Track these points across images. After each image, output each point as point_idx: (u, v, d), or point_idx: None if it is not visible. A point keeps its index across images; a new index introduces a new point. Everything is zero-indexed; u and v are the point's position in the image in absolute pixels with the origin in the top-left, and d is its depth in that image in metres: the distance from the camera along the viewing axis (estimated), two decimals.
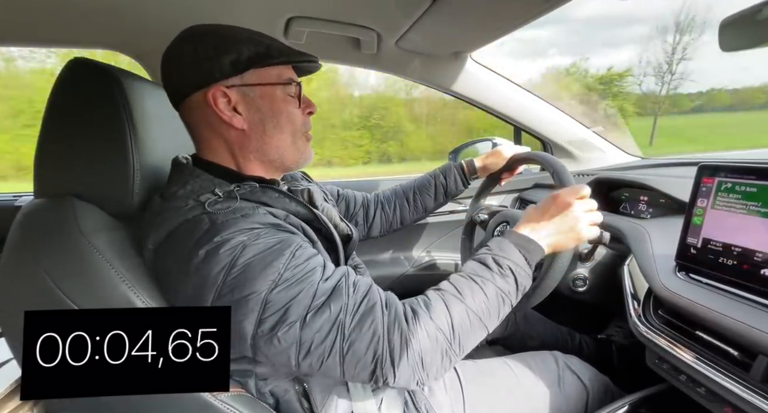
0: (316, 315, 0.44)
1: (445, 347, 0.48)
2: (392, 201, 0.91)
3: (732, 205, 0.56)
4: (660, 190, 0.86)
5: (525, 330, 1.00)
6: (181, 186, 0.51)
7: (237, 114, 0.53)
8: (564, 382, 0.71)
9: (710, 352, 0.52)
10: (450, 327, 0.49)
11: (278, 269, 0.44)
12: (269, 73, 0.54)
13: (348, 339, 0.45)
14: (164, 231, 0.48)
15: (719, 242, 0.57)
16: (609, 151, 1.26)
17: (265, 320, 0.43)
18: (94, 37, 0.88)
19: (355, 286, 0.48)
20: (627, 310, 0.67)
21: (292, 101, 0.56)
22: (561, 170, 0.67)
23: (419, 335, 0.47)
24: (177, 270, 0.46)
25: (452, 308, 0.50)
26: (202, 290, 0.44)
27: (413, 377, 0.47)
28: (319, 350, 0.44)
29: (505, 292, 0.53)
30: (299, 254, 0.47)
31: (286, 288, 0.44)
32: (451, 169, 0.91)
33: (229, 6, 0.82)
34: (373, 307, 0.47)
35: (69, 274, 0.45)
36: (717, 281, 0.57)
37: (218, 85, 0.51)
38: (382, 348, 0.45)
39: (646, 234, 0.75)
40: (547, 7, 0.71)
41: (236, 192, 0.51)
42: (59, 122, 0.51)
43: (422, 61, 1.06)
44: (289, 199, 0.54)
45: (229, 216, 0.47)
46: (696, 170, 0.62)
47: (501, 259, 0.55)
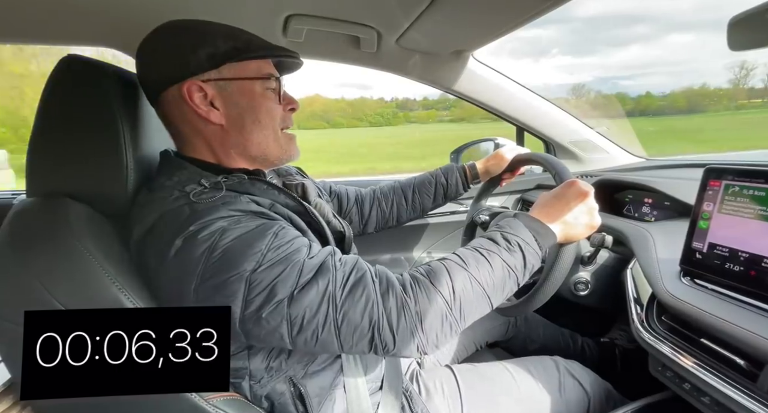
0: (303, 290, 0.43)
1: (444, 311, 0.46)
2: (390, 198, 0.89)
3: (740, 209, 0.54)
4: (665, 192, 0.84)
5: (526, 332, 0.99)
6: (168, 177, 0.51)
7: (214, 109, 0.51)
8: (565, 388, 0.70)
9: (716, 361, 0.50)
10: (450, 290, 0.47)
11: (261, 250, 0.43)
12: (248, 67, 0.53)
13: (341, 310, 0.43)
14: (147, 223, 0.47)
15: (726, 247, 0.55)
16: (613, 152, 1.24)
17: (252, 300, 0.42)
18: (93, 35, 0.87)
19: (341, 261, 0.47)
20: (630, 315, 0.65)
21: (272, 97, 0.55)
22: (563, 171, 0.66)
23: (418, 297, 0.46)
24: (157, 262, 0.45)
25: (454, 273, 0.48)
26: (184, 277, 0.43)
27: (413, 341, 0.45)
28: (312, 324, 0.43)
29: (511, 266, 0.51)
30: (282, 234, 0.46)
31: (270, 267, 0.42)
32: (453, 170, 0.89)
33: (228, 4, 0.81)
34: (363, 276, 0.46)
35: (57, 275, 0.44)
36: (723, 287, 0.55)
37: (194, 79, 0.50)
38: (378, 313, 0.44)
39: (650, 237, 0.73)
40: (548, 6, 0.69)
41: (223, 183, 0.50)
42: (52, 119, 0.50)
43: (423, 60, 1.04)
44: (278, 191, 0.53)
45: (209, 204, 0.46)
46: (702, 172, 0.60)
47: (510, 235, 0.53)
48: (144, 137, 0.54)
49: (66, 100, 0.50)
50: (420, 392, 0.67)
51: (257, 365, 0.51)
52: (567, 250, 0.59)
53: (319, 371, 0.55)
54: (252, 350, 0.51)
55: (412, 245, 1.33)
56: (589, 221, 0.58)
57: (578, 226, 0.57)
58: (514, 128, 1.28)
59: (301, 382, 0.53)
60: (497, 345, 0.98)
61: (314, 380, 0.54)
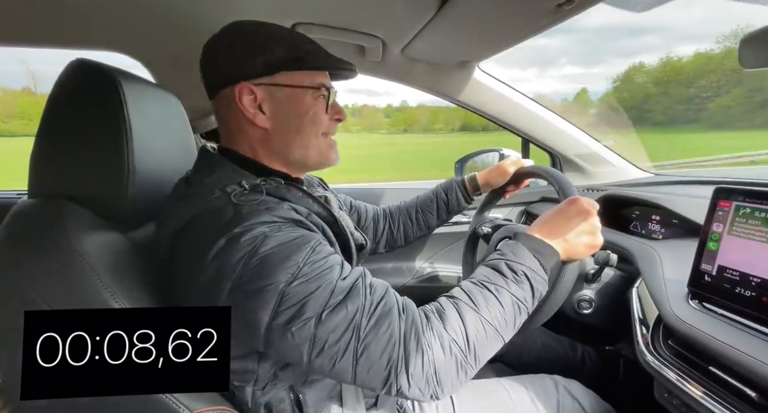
0: (332, 312, 0.43)
1: (460, 359, 0.46)
2: (396, 218, 0.91)
3: (751, 232, 0.52)
4: (673, 210, 0.82)
5: (522, 342, 0.95)
6: (208, 174, 0.51)
7: (261, 112, 0.53)
8: (563, 408, 0.67)
9: (725, 391, 0.48)
10: (465, 338, 0.46)
11: (297, 263, 0.43)
12: (302, 76, 0.54)
13: (363, 341, 0.43)
14: (186, 217, 0.48)
15: (736, 271, 0.53)
16: (620, 165, 1.22)
17: (281, 312, 0.42)
18: (100, 39, 0.88)
19: (372, 287, 0.47)
20: (635, 337, 0.63)
21: (321, 106, 0.56)
22: (566, 186, 0.65)
23: (433, 344, 0.45)
24: (196, 256, 0.45)
25: (466, 318, 0.48)
26: (220, 278, 0.43)
27: (427, 389, 0.45)
28: (332, 350, 0.43)
29: (521, 300, 0.51)
30: (319, 249, 0.46)
31: (305, 283, 0.43)
32: (452, 186, 0.89)
33: (234, 11, 0.81)
34: (390, 310, 0.45)
35: (48, 276, 0.44)
36: (733, 312, 0.53)
37: (247, 82, 0.51)
38: (397, 354, 0.43)
39: (656, 256, 0.71)
40: (555, 19, 0.68)
41: (262, 186, 0.51)
42: (57, 122, 0.50)
43: (428, 70, 1.04)
44: (312, 200, 0.54)
45: (253, 207, 0.47)
46: (712, 191, 0.59)
47: (515, 264, 0.52)
48: (149, 142, 0.54)
49: (72, 103, 0.50)
50: (414, 408, 0.66)
51: (265, 370, 0.51)
52: (569, 268, 0.57)
53: (319, 380, 0.56)
54: (263, 354, 0.50)
55: (414, 255, 1.31)
56: (590, 241, 0.56)
57: (579, 245, 0.56)
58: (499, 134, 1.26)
59: (301, 390, 0.54)
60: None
61: (313, 389, 0.55)
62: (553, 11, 0.66)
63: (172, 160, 0.59)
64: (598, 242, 0.57)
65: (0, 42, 0.85)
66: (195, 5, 0.78)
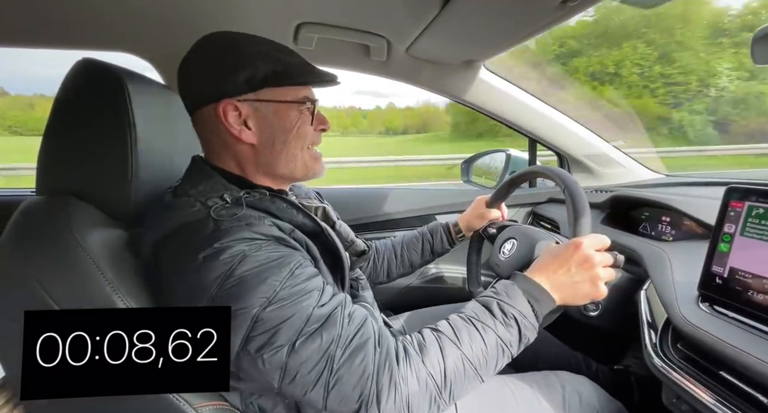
0: (306, 341, 0.42)
1: (434, 394, 0.46)
2: (382, 253, 0.90)
3: (764, 233, 0.51)
4: (683, 211, 0.80)
5: (536, 349, 0.93)
6: (193, 185, 0.51)
7: (246, 128, 0.52)
8: (570, 406, 0.66)
9: (735, 396, 0.47)
10: (442, 373, 0.46)
11: (274, 287, 0.43)
12: (285, 91, 0.53)
13: (336, 374, 0.43)
14: (166, 228, 0.48)
15: (749, 273, 0.51)
16: (630, 166, 1.20)
17: (253, 338, 0.42)
18: (109, 40, 0.89)
19: (350, 317, 0.47)
20: (642, 341, 0.62)
21: (306, 119, 0.56)
22: (577, 222, 0.60)
23: (409, 378, 0.45)
24: (174, 270, 0.46)
25: (447, 353, 0.47)
26: (195, 295, 0.43)
27: None
28: (304, 380, 0.43)
29: (506, 343, 0.50)
30: (298, 272, 0.45)
31: (280, 308, 0.42)
32: (437, 229, 0.90)
33: (240, 12, 0.82)
34: (366, 343, 0.45)
35: (53, 272, 0.45)
36: (745, 316, 0.51)
37: (230, 99, 0.51)
38: (370, 389, 0.43)
39: (666, 258, 0.70)
40: (560, 16, 0.68)
41: (244, 199, 0.50)
42: (64, 120, 0.51)
43: (433, 69, 1.04)
44: (297, 210, 0.53)
45: (233, 223, 0.46)
46: (724, 191, 0.57)
47: (506, 307, 0.52)
48: (153, 141, 0.54)
49: (79, 102, 0.51)
50: None
51: (248, 386, 0.50)
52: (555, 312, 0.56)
53: None
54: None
55: None
56: (589, 292, 0.55)
57: (577, 295, 0.55)
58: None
59: None
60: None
61: None
62: (557, 8, 0.65)
63: (177, 160, 0.60)
64: (599, 293, 0.55)
65: (10, 43, 0.87)
66: (202, 6, 0.79)
